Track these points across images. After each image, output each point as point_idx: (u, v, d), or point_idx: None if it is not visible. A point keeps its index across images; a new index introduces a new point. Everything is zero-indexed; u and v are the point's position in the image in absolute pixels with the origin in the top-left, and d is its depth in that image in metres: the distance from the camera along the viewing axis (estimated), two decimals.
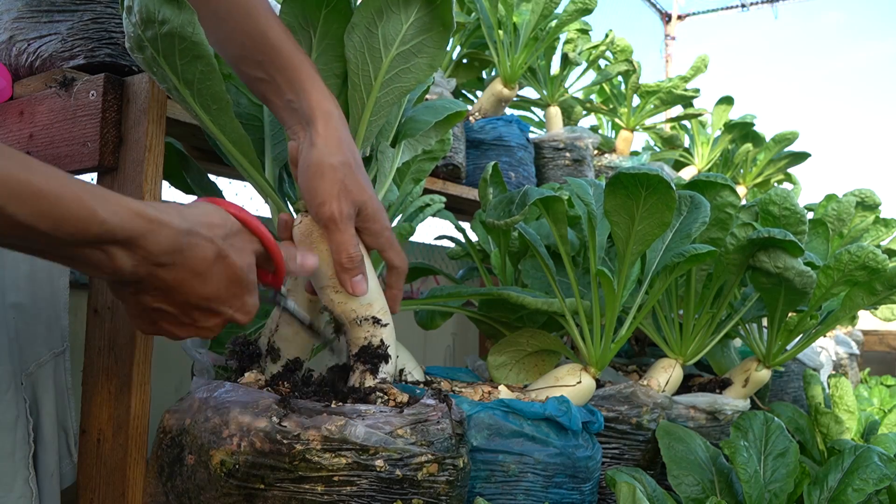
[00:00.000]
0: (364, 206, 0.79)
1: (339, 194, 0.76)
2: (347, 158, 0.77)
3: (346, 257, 0.78)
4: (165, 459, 0.82)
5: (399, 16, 0.83)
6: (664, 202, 1.03)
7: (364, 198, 0.78)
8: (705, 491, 1.12)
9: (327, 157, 0.76)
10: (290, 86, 0.78)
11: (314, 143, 0.77)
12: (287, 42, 0.78)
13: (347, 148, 0.78)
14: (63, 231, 0.54)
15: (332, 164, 0.76)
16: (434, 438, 0.77)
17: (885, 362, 4.01)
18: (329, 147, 0.76)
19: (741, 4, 5.73)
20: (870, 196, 1.98)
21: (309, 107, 0.77)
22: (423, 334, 2.44)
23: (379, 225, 0.81)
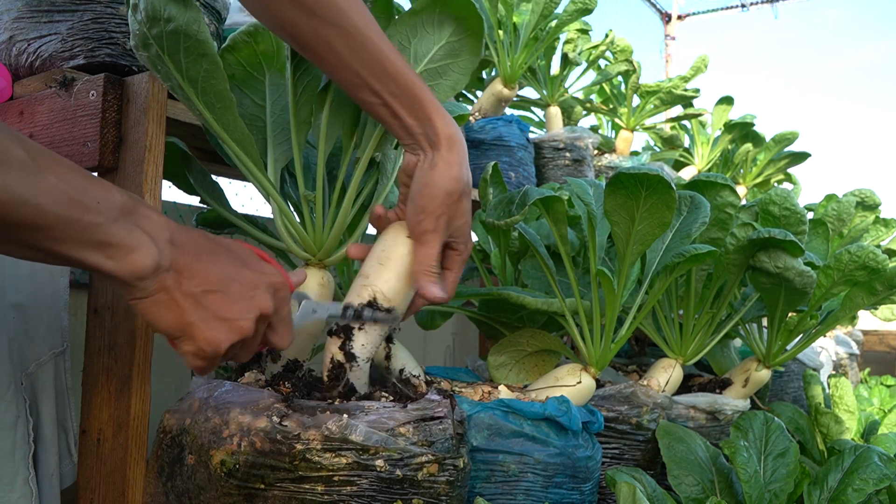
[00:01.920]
0: (457, 230, 0.85)
1: (442, 216, 0.82)
2: (461, 187, 0.82)
3: (427, 267, 0.83)
4: (165, 459, 0.82)
5: (432, 36, 0.88)
6: (664, 202, 1.03)
7: (461, 222, 0.84)
8: (705, 491, 1.12)
9: (445, 182, 0.81)
10: (411, 112, 0.81)
11: (435, 164, 0.81)
12: (405, 70, 0.80)
13: (463, 175, 0.83)
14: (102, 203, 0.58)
15: (447, 189, 0.81)
16: (435, 438, 0.77)
17: (885, 362, 4.02)
18: (449, 173, 0.81)
19: (741, 4, 5.73)
20: (870, 196, 1.98)
21: (434, 132, 0.81)
22: (423, 334, 2.44)
23: (463, 246, 0.87)
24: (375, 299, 0.84)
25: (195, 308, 0.65)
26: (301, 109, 0.90)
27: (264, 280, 0.70)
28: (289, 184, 1.00)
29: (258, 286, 0.69)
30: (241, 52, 0.93)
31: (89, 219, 0.57)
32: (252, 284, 0.69)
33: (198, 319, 0.65)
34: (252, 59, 0.94)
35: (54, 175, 0.56)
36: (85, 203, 0.57)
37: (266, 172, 0.92)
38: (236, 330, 0.67)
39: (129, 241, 0.60)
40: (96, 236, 0.58)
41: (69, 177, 0.57)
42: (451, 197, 0.81)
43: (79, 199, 0.57)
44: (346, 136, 0.94)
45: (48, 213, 0.55)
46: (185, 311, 0.64)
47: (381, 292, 0.84)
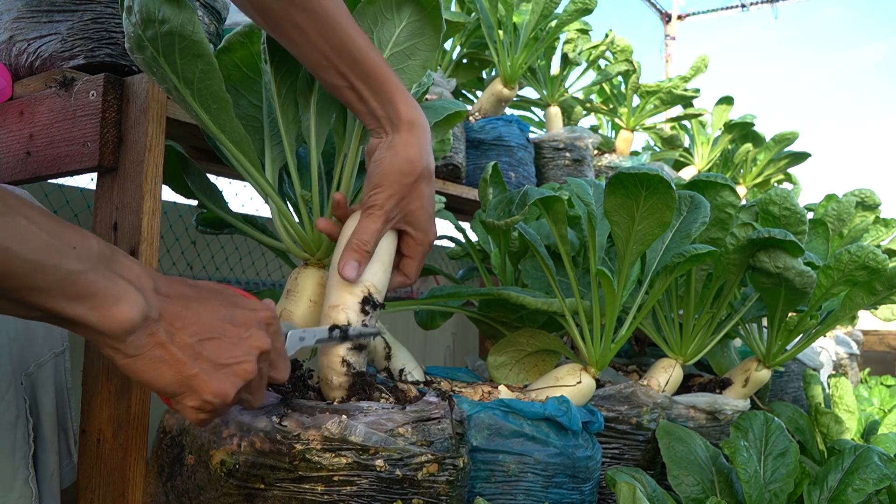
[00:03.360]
0: (411, 215, 0.84)
1: (394, 193, 0.81)
2: (417, 169, 0.82)
3: (357, 240, 0.81)
4: (165, 459, 0.82)
5: (392, 20, 0.88)
6: (664, 202, 1.03)
7: (415, 206, 0.83)
8: (705, 491, 1.12)
9: (401, 163, 0.81)
10: (376, 96, 0.81)
11: (394, 144, 0.81)
12: (371, 53, 0.81)
13: (421, 158, 0.82)
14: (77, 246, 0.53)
15: (402, 169, 0.81)
16: (434, 438, 0.77)
17: (885, 362, 4.01)
18: (406, 153, 0.81)
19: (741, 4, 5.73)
20: (870, 196, 1.98)
21: (396, 115, 0.81)
22: (423, 334, 2.44)
23: (421, 234, 0.86)
24: (371, 294, 0.82)
25: (194, 359, 0.60)
26: (287, 110, 0.91)
27: (255, 317, 0.66)
28: (287, 184, 1.00)
29: (251, 325, 0.65)
30: (236, 53, 0.93)
31: (67, 265, 0.52)
32: (245, 324, 0.64)
33: (200, 371, 0.60)
34: (248, 60, 0.93)
35: (25, 218, 0.51)
36: (60, 248, 0.52)
37: (264, 173, 0.92)
38: (241, 374, 0.62)
39: (112, 290, 0.54)
40: (76, 285, 0.53)
41: (41, 221, 0.52)
42: (405, 177, 0.81)
43: (53, 243, 0.51)
44: (337, 135, 0.94)
45: (20, 259, 0.50)
46: (184, 365, 0.59)
47: (374, 286, 0.82)
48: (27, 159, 0.99)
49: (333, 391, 0.81)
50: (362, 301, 0.81)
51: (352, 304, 0.81)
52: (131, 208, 0.90)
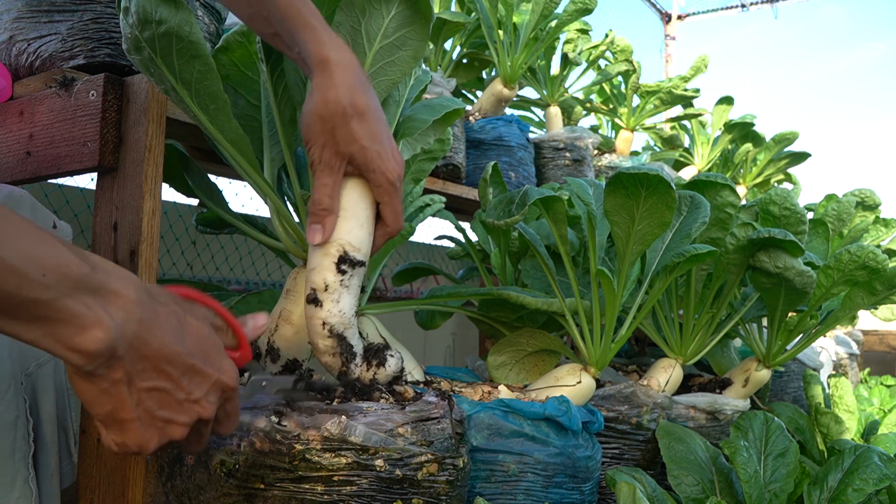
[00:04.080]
0: (354, 157, 0.78)
1: (326, 143, 0.76)
2: (340, 108, 0.75)
3: (312, 204, 0.78)
4: (165, 459, 0.82)
5: (380, 11, 0.86)
6: (664, 202, 1.03)
7: (353, 148, 0.77)
8: (705, 491, 1.12)
9: (319, 107, 0.75)
10: (291, 38, 0.77)
11: (310, 92, 0.77)
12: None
13: (340, 98, 0.76)
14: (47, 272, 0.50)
15: (321, 114, 0.75)
16: (434, 438, 0.77)
17: (885, 362, 4.01)
18: (322, 96, 0.75)
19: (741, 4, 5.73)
20: (870, 196, 1.98)
21: (308, 56, 0.76)
22: (423, 334, 2.44)
23: (375, 175, 0.79)
24: (346, 253, 0.79)
25: (135, 405, 0.58)
26: (283, 109, 0.91)
27: (216, 381, 0.63)
28: (286, 183, 1.00)
29: (207, 388, 0.62)
30: (234, 53, 0.93)
31: (28, 293, 0.49)
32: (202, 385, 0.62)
33: (135, 418, 0.58)
34: (246, 59, 0.93)
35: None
36: (26, 274, 0.49)
37: (262, 172, 0.92)
38: (169, 435, 0.61)
39: (81, 319, 0.52)
40: (36, 311, 0.50)
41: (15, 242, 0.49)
42: (327, 122, 0.75)
43: (18, 268, 0.49)
44: None
45: None
46: (125, 407, 0.57)
47: (349, 243, 0.80)
48: (27, 159, 0.99)
49: (324, 357, 0.80)
50: (338, 261, 0.79)
51: (326, 264, 0.79)
52: (131, 208, 0.90)
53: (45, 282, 0.50)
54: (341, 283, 0.79)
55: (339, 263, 0.79)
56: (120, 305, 0.54)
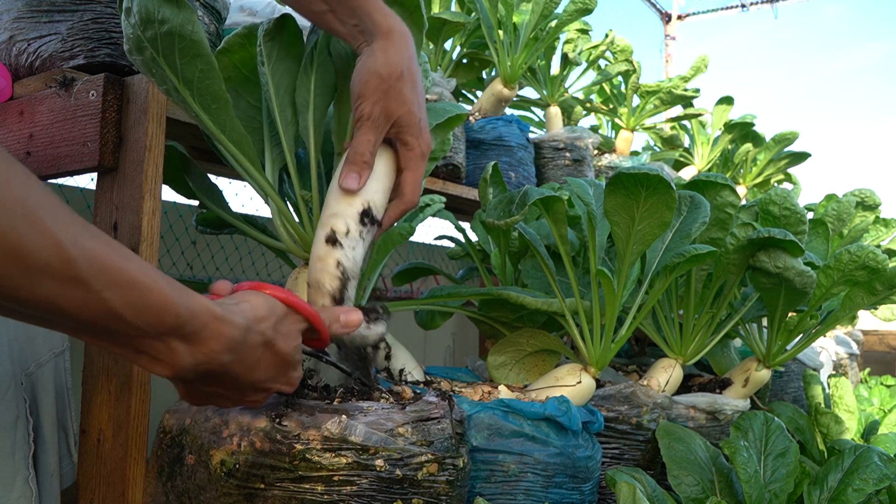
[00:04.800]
0: (400, 119, 0.82)
1: (378, 100, 0.80)
2: (398, 71, 0.80)
3: (353, 153, 0.81)
4: (165, 459, 0.82)
5: None
6: (664, 202, 1.03)
7: (401, 111, 0.81)
8: (705, 491, 1.12)
9: (379, 66, 0.80)
10: (351, 13, 0.82)
11: (372, 52, 0.81)
12: None
13: (401, 61, 0.81)
14: (143, 320, 0.54)
15: (380, 73, 0.80)
16: (434, 438, 0.77)
17: (885, 362, 4.02)
18: (384, 58, 0.80)
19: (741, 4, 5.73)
20: (870, 196, 1.98)
21: (373, 25, 0.81)
22: (423, 334, 2.44)
23: (412, 140, 0.84)
24: (370, 208, 0.82)
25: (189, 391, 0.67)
26: (285, 110, 0.91)
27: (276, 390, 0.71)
28: (287, 184, 1.00)
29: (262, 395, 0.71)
30: (235, 55, 0.93)
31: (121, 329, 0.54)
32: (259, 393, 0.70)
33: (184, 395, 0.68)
34: (247, 61, 0.93)
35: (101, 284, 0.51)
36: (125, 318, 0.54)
37: (264, 173, 0.92)
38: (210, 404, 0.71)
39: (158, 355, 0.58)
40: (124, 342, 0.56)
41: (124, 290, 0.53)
42: (385, 81, 0.80)
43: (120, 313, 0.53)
44: (334, 134, 0.94)
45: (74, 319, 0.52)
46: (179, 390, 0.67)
47: (373, 201, 0.82)
48: (27, 159, 0.99)
49: (324, 299, 0.80)
50: (362, 213, 0.81)
51: (351, 213, 0.81)
52: (131, 208, 0.90)
53: (139, 325, 0.54)
54: (360, 233, 0.81)
55: (363, 215, 0.81)
56: (204, 351, 0.60)
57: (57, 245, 0.48)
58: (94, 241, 0.51)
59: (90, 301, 0.51)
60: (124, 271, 0.52)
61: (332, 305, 0.80)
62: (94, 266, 0.50)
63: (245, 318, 0.63)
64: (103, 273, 0.51)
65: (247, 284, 0.70)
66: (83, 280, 0.50)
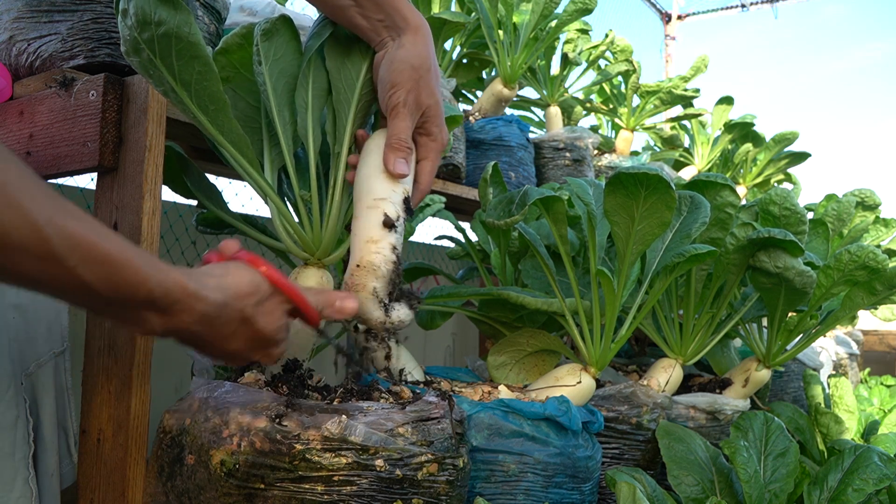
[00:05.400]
0: (429, 109, 0.86)
1: (411, 89, 0.83)
2: (427, 64, 0.84)
3: (397, 139, 0.84)
4: (165, 459, 0.82)
5: None
6: (664, 202, 1.03)
7: (430, 101, 0.85)
8: (705, 491, 1.12)
9: (411, 58, 0.83)
10: (377, 8, 0.85)
11: (402, 45, 0.84)
12: None
13: (430, 57, 0.85)
14: (117, 294, 0.57)
15: (413, 64, 0.83)
16: (434, 438, 0.77)
17: (885, 362, 4.02)
18: (415, 50, 0.84)
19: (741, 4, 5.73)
20: (870, 196, 1.98)
21: (403, 20, 0.85)
22: (423, 334, 2.44)
23: (437, 130, 0.88)
24: (407, 198, 0.85)
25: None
26: (283, 111, 0.91)
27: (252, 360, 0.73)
28: (286, 184, 1.00)
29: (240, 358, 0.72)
30: (234, 55, 0.93)
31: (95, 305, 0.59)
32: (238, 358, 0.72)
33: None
34: (246, 61, 0.93)
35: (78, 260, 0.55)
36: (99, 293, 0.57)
37: (263, 173, 0.92)
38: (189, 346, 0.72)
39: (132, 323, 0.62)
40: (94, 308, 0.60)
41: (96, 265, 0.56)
42: (417, 71, 0.83)
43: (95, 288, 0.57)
44: (330, 135, 0.94)
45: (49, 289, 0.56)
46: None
47: (408, 190, 0.86)
48: (27, 159, 0.99)
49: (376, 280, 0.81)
50: (405, 199, 0.85)
51: (397, 199, 0.84)
52: (131, 208, 0.90)
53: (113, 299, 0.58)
54: (403, 220, 0.85)
55: (405, 202, 0.85)
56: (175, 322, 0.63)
57: (32, 224, 0.51)
58: (69, 220, 0.54)
59: (65, 276, 0.54)
60: (98, 247, 0.55)
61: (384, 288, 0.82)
62: (68, 243, 0.53)
63: (224, 294, 0.66)
64: (77, 250, 0.54)
65: (246, 256, 0.71)
66: (58, 257, 0.53)
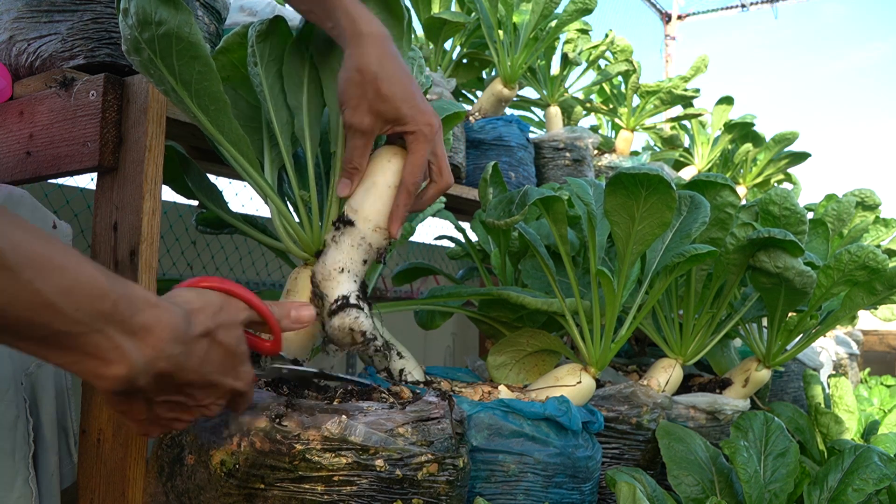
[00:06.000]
0: (387, 112, 0.83)
1: (357, 105, 0.82)
2: (368, 74, 0.81)
3: (346, 161, 0.85)
4: (165, 459, 0.82)
5: None
6: (664, 202, 1.03)
7: (384, 106, 0.82)
8: (705, 491, 1.12)
9: (352, 74, 0.82)
10: (327, 14, 0.84)
11: (349, 56, 0.83)
12: None
13: (372, 63, 0.81)
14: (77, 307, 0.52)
15: (353, 79, 0.82)
16: (434, 438, 0.77)
17: (885, 362, 4.02)
18: (360, 61, 0.81)
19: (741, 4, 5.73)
20: (870, 196, 1.98)
21: (345, 31, 0.83)
22: (423, 334, 2.44)
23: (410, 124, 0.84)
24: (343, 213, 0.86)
25: (146, 411, 0.64)
26: (280, 111, 0.91)
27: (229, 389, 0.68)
28: (286, 184, 1.00)
29: (219, 396, 0.68)
30: (234, 54, 0.93)
31: (60, 326, 0.52)
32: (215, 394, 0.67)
33: (144, 419, 0.65)
34: (245, 61, 0.93)
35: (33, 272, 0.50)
36: (61, 308, 0.51)
37: (263, 173, 0.92)
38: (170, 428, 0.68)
39: (106, 354, 0.54)
40: (66, 342, 0.53)
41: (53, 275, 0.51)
42: (359, 86, 0.81)
43: (54, 302, 0.51)
44: (331, 133, 0.94)
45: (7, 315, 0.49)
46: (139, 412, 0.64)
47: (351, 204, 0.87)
48: (27, 159, 0.99)
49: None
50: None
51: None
52: (131, 208, 0.90)
53: (77, 316, 0.52)
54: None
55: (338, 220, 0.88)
56: (150, 343, 0.57)
57: None
58: (18, 232, 0.50)
59: (20, 292, 0.49)
60: (52, 259, 0.51)
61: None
62: (19, 255, 0.49)
63: (182, 309, 0.62)
64: (31, 261, 0.49)
65: (184, 283, 0.70)
66: (10, 269, 0.48)
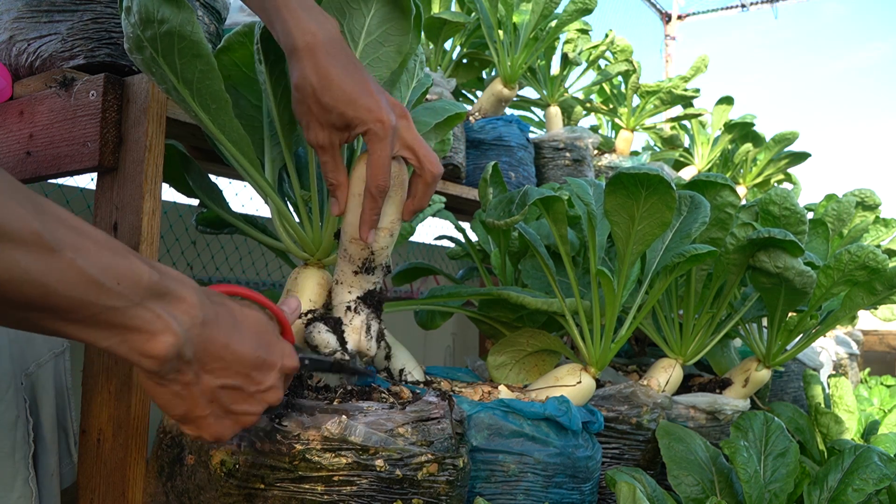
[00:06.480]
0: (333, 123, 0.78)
1: (309, 122, 0.79)
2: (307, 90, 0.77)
3: (324, 180, 0.83)
4: (165, 459, 0.82)
5: (360, 9, 0.88)
6: (664, 202, 1.03)
7: (330, 117, 0.78)
8: (705, 491, 1.12)
9: (294, 94, 0.78)
10: (271, 25, 0.80)
11: (292, 71, 0.78)
12: None
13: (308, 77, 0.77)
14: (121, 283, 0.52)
15: (297, 98, 0.78)
16: (434, 438, 0.77)
17: (885, 362, 4.02)
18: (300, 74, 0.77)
19: (741, 4, 5.73)
20: (870, 196, 1.98)
21: (283, 46, 0.79)
22: (423, 334, 2.44)
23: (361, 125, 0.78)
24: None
25: (208, 403, 0.62)
26: (283, 110, 0.91)
27: (281, 367, 0.67)
28: (287, 184, 1.00)
29: (273, 375, 0.66)
30: (235, 53, 0.93)
31: (106, 301, 0.52)
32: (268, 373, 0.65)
33: (209, 414, 0.62)
34: (247, 60, 0.93)
35: (72, 251, 0.50)
36: (104, 284, 0.51)
37: (263, 173, 0.92)
38: (243, 424, 0.66)
39: (151, 326, 0.54)
40: (112, 319, 0.53)
41: (91, 253, 0.51)
42: (303, 104, 0.78)
43: (97, 278, 0.51)
44: None
45: (58, 295, 0.49)
46: (198, 406, 0.61)
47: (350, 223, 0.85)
48: (27, 159, 0.99)
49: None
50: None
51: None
52: (131, 208, 0.90)
53: (119, 290, 0.52)
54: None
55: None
56: (184, 310, 0.57)
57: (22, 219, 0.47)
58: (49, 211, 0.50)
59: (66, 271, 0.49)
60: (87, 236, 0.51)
61: None
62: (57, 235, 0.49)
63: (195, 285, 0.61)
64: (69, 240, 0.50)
65: None
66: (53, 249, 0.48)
